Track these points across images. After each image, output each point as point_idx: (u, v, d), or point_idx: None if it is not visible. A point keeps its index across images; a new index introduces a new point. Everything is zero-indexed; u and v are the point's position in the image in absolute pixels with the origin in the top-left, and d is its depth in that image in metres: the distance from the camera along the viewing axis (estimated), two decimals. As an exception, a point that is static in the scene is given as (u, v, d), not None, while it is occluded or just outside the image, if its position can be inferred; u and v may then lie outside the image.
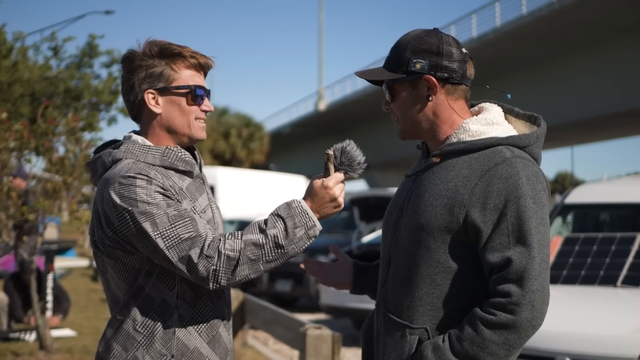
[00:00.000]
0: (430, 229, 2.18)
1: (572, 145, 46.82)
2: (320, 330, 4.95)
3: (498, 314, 2.08)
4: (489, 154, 2.18)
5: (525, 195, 2.12)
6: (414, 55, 2.24)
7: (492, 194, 2.13)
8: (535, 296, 2.08)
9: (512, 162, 2.15)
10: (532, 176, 2.16)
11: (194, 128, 2.41)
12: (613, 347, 4.75)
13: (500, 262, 2.11)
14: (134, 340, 2.28)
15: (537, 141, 2.28)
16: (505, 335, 2.08)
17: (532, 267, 2.09)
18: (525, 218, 2.11)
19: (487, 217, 2.13)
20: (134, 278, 2.30)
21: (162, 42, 2.38)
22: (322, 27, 55.22)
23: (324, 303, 11.00)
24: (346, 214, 15.25)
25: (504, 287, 2.09)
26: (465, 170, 2.18)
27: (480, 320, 2.10)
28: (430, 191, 2.22)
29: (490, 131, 2.24)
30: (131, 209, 2.20)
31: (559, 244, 6.20)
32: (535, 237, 2.11)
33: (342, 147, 2.36)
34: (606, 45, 28.42)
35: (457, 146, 2.23)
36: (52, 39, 16.69)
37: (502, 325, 2.08)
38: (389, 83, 2.28)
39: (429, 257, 2.19)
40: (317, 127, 51.18)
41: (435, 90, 2.25)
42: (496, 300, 2.10)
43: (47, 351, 7.83)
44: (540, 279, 2.10)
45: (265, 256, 2.23)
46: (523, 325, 2.08)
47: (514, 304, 2.07)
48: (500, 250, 2.12)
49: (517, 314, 2.07)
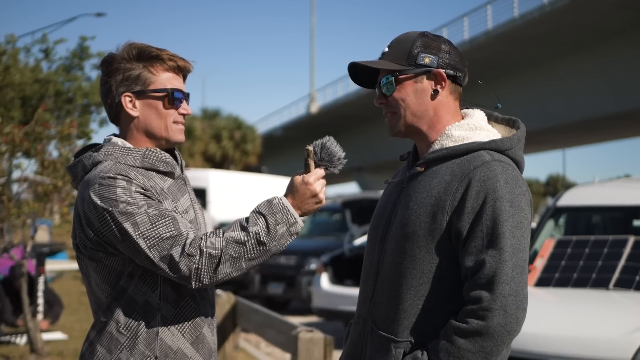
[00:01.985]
0: (416, 237, 2.16)
1: (563, 147, 46.89)
2: (312, 334, 4.93)
3: (470, 322, 2.04)
4: (470, 159, 2.17)
5: (502, 198, 2.09)
6: (423, 50, 2.24)
7: (471, 196, 2.10)
8: (508, 301, 2.03)
9: (490, 165, 2.13)
10: (511, 179, 2.13)
11: (172, 131, 2.39)
12: (605, 350, 4.75)
13: (473, 266, 2.08)
14: (118, 342, 2.27)
15: (518, 143, 2.26)
16: (480, 343, 2.03)
17: (502, 271, 2.05)
18: (499, 221, 2.08)
19: (465, 220, 2.10)
20: (116, 280, 2.28)
21: (141, 45, 2.36)
22: (313, 29, 55.28)
23: (315, 306, 10.98)
24: (338, 216, 15.25)
25: (475, 293, 2.06)
26: (448, 176, 2.17)
27: (454, 330, 2.06)
28: (414, 200, 2.20)
29: (473, 136, 2.24)
30: (111, 210, 2.18)
31: (551, 246, 6.20)
32: (508, 240, 2.07)
33: (322, 143, 2.35)
34: (597, 48, 28.49)
35: (440, 153, 2.22)
36: (43, 41, 16.62)
37: (474, 332, 2.04)
38: (396, 74, 2.25)
39: (414, 268, 2.16)
40: (309, 130, 51.13)
41: (443, 85, 2.24)
42: (468, 307, 2.07)
43: (38, 354, 7.80)
44: (513, 284, 2.05)
45: (248, 254, 2.22)
46: (496, 331, 2.03)
47: (484, 310, 2.03)
48: (474, 253, 2.09)
49: (488, 320, 2.03)
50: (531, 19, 28.16)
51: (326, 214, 15.99)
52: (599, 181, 7.54)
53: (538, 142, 40.13)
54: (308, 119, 50.58)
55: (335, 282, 10.84)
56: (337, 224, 15.17)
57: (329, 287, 10.83)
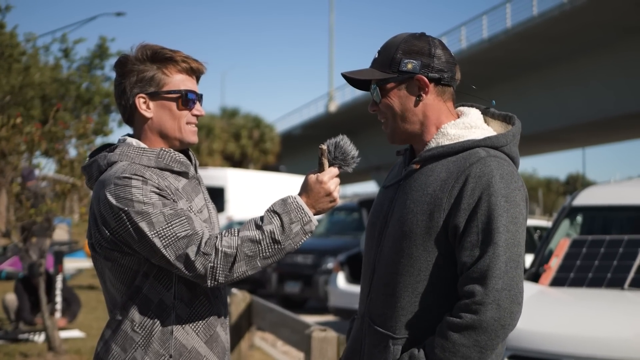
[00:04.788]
0: (413, 236, 2.18)
1: (583, 146, 46.62)
2: (325, 333, 4.95)
3: (463, 316, 2.06)
4: (466, 156, 2.19)
5: (497, 193, 2.11)
6: (405, 56, 2.25)
7: (467, 193, 2.12)
8: (501, 295, 2.05)
9: (486, 161, 2.15)
10: (507, 175, 2.15)
11: (185, 132, 2.41)
12: (620, 350, 4.73)
13: (468, 261, 2.10)
14: (133, 340, 2.30)
15: (513, 139, 2.28)
16: (474, 337, 2.05)
17: (496, 265, 2.06)
18: (494, 216, 2.09)
19: (461, 216, 2.12)
20: (131, 279, 2.31)
21: (154, 47, 2.39)
22: (332, 28, 55.38)
23: (332, 305, 11.00)
24: (355, 215, 15.26)
25: (468, 287, 2.08)
26: (444, 174, 2.19)
27: (448, 325, 2.08)
28: (411, 198, 2.22)
29: (469, 134, 2.25)
30: (127, 209, 2.20)
31: (566, 246, 6.18)
32: (502, 235, 2.08)
33: (336, 142, 2.37)
34: (617, 46, 28.29)
35: (436, 151, 2.24)
36: (63, 41, 16.74)
37: (468, 326, 2.05)
38: (380, 83, 2.28)
39: (411, 266, 2.18)
40: (327, 129, 51.12)
41: (427, 90, 2.26)
42: (462, 302, 2.09)
43: (56, 352, 7.86)
44: (507, 278, 2.07)
45: (263, 252, 2.24)
46: (490, 325, 2.05)
47: (477, 304, 2.05)
48: (469, 249, 2.11)
49: (481, 314, 2.05)
50: (550, 17, 28.02)
51: (343, 213, 16.00)
52: (615, 181, 7.49)
53: (558, 141, 39.92)
54: (327, 118, 50.58)
55: (352, 281, 10.85)
56: (354, 223, 15.18)
57: (346, 286, 10.84)
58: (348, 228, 15.18)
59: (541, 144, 40.00)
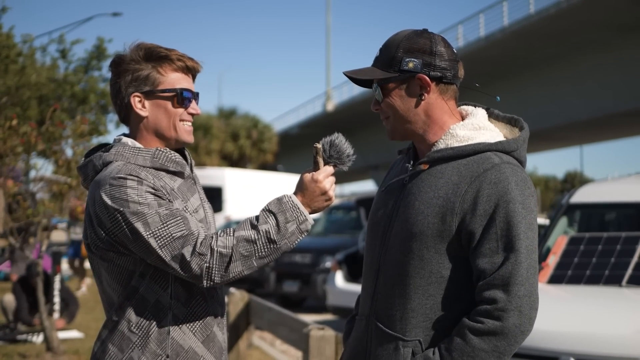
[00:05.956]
0: (424, 237, 2.16)
1: (581, 144, 46.65)
2: (323, 331, 4.94)
3: (485, 322, 2.06)
4: (478, 160, 2.17)
5: (515, 200, 2.11)
6: (407, 55, 2.22)
7: (482, 199, 2.11)
8: (523, 302, 2.06)
9: (501, 168, 2.14)
10: (521, 181, 2.14)
11: (180, 131, 2.41)
12: (617, 347, 4.73)
13: (488, 267, 2.09)
14: (129, 341, 2.29)
15: (523, 144, 2.27)
16: (494, 343, 2.05)
17: (518, 272, 2.07)
18: (514, 223, 2.09)
19: (477, 223, 2.11)
20: (127, 279, 2.30)
21: (149, 45, 2.38)
22: (329, 28, 55.31)
23: (330, 304, 11.00)
24: (353, 214, 15.26)
25: (489, 293, 2.07)
26: (455, 177, 2.17)
27: (468, 328, 2.07)
28: (420, 199, 2.20)
29: (478, 136, 2.24)
30: (123, 210, 2.20)
31: (564, 243, 6.18)
32: (523, 242, 2.09)
33: (331, 140, 2.35)
34: (614, 44, 28.30)
35: (446, 152, 2.22)
36: (60, 42, 16.72)
37: (489, 332, 2.05)
38: (381, 82, 2.26)
39: (422, 268, 2.16)
40: (325, 128, 50.87)
41: (428, 89, 2.23)
42: (483, 307, 2.08)
43: (54, 353, 7.86)
44: (528, 285, 2.07)
45: (258, 252, 2.23)
46: (511, 331, 2.05)
47: (500, 310, 2.05)
48: (488, 255, 2.10)
49: (504, 320, 2.05)
50: (547, 15, 28.04)
51: (341, 212, 16.01)
52: (612, 178, 7.50)
53: (555, 139, 39.91)
54: (324, 117, 50.56)
55: (350, 280, 10.85)
56: (352, 222, 15.19)
57: (344, 285, 10.84)
58: (346, 227, 15.19)
59: (538, 142, 39.98)
